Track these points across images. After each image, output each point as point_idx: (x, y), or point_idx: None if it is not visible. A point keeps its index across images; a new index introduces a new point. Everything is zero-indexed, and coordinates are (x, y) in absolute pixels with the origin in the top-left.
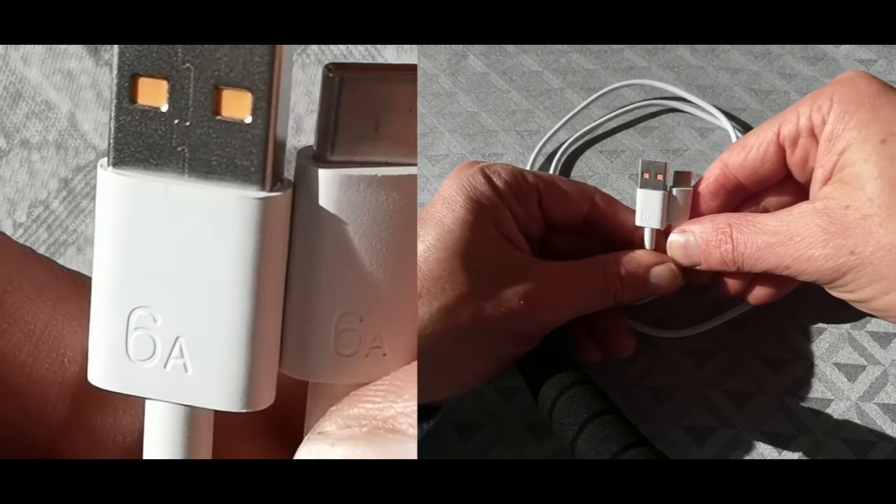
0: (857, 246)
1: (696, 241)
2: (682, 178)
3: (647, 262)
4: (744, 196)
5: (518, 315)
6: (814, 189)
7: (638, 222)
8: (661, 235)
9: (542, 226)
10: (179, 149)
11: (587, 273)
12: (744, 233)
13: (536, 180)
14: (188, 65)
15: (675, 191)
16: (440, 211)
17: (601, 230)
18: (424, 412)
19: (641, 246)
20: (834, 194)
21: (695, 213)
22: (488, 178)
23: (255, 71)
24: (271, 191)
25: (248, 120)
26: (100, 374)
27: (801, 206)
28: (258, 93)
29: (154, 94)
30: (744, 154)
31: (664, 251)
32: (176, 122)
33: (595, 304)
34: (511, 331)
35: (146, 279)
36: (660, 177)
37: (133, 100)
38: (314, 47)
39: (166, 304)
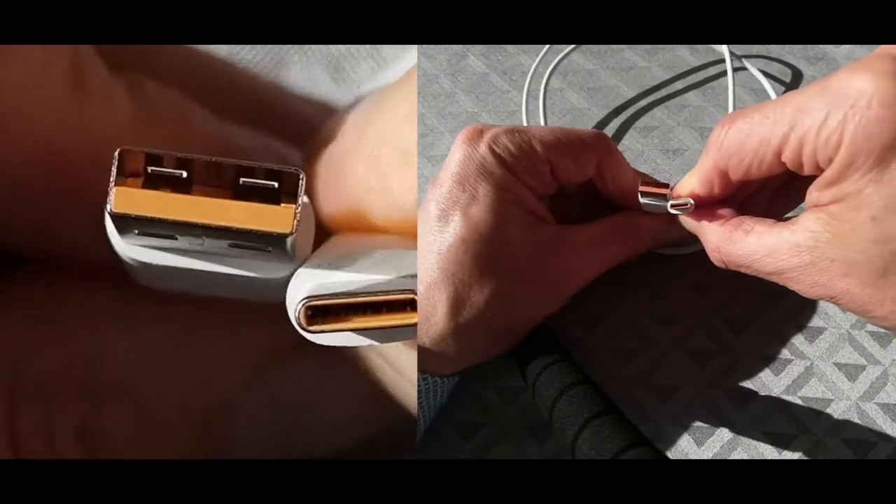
0: (837, 295)
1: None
2: (681, 204)
3: (661, 220)
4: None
5: (558, 285)
6: (808, 201)
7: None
8: None
9: (555, 187)
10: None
11: (612, 236)
12: (733, 256)
13: (546, 151)
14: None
15: (673, 208)
16: (461, 198)
17: (602, 192)
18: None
19: (638, 203)
20: (822, 240)
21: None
22: (501, 160)
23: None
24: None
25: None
26: None
27: (788, 237)
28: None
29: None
30: (742, 168)
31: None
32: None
33: (618, 261)
34: (551, 298)
35: None
36: (661, 198)
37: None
38: (315, 46)
39: None
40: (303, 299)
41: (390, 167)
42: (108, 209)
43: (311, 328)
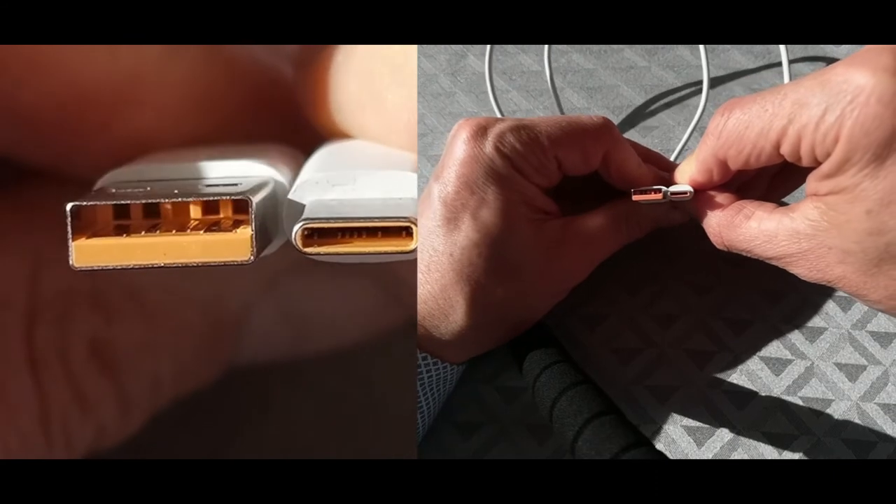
0: (833, 279)
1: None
2: (680, 193)
3: (662, 207)
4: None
5: (567, 277)
6: (807, 189)
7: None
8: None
9: (560, 178)
10: None
11: (615, 224)
12: (734, 241)
13: (553, 146)
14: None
15: (672, 195)
16: (470, 201)
17: (605, 178)
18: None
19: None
20: (820, 229)
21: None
22: (508, 160)
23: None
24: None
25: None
26: None
27: (788, 223)
28: None
29: None
30: (742, 158)
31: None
32: None
33: (617, 248)
34: (560, 289)
35: None
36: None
37: None
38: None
39: None
40: (300, 221)
41: (383, 83)
42: (71, 263)
43: (306, 249)
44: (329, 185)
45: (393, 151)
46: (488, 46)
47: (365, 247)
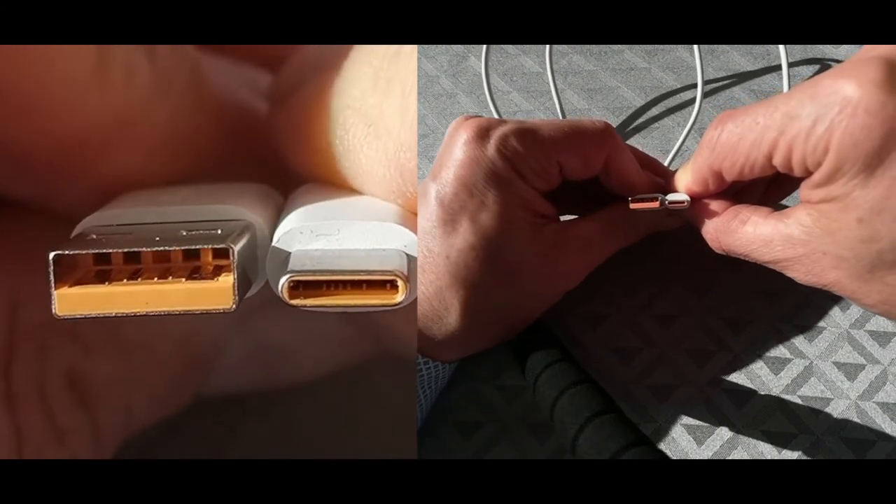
0: (829, 283)
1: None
2: (677, 202)
3: (659, 213)
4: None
5: (563, 280)
6: (801, 195)
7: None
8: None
9: (560, 179)
10: None
11: (612, 229)
12: (731, 246)
13: (555, 151)
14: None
15: (669, 203)
16: (469, 203)
17: (604, 183)
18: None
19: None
20: (814, 235)
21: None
22: (511, 164)
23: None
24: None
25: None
26: None
27: (783, 229)
28: None
29: None
30: (735, 170)
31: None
32: None
33: (614, 252)
34: (557, 293)
35: None
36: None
37: None
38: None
39: None
40: (286, 274)
41: (357, 137)
42: (54, 312)
43: (293, 301)
44: (313, 235)
45: (376, 201)
46: (485, 46)
47: (351, 299)
